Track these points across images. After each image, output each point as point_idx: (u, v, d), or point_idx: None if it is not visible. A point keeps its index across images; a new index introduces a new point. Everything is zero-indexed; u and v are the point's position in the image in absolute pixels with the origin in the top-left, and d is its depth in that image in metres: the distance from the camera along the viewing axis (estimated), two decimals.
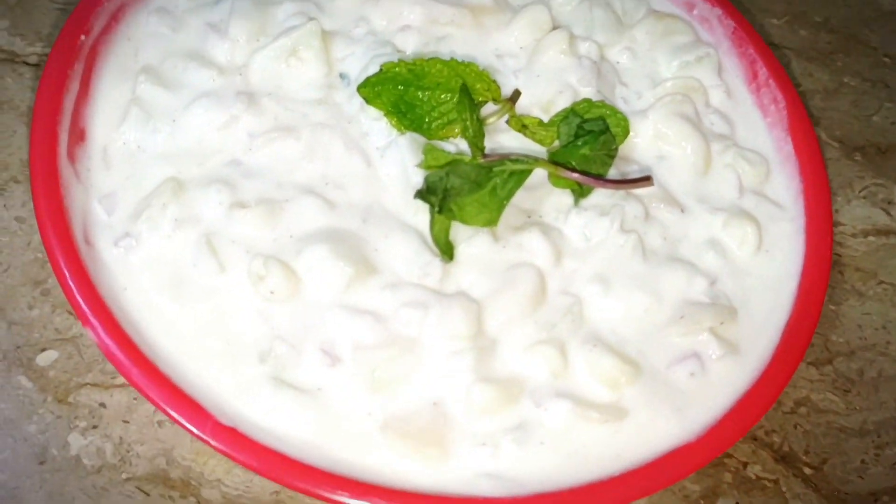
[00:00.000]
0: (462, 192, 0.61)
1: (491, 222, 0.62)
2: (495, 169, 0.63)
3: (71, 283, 0.56)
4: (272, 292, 0.59)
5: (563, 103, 0.71)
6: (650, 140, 0.72)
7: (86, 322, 0.56)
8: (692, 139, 0.71)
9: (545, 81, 0.72)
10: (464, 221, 0.61)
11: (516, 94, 0.70)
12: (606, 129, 0.66)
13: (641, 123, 0.72)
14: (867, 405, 0.76)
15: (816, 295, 0.66)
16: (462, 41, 0.74)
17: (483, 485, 0.55)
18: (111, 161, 0.65)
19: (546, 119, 0.71)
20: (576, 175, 0.65)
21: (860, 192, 0.91)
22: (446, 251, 0.62)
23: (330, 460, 0.55)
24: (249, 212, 0.62)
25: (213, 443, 0.53)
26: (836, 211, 0.88)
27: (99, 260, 0.60)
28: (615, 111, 0.70)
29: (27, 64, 0.81)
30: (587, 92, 0.72)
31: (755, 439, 0.73)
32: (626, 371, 0.60)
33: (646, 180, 0.65)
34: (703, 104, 0.75)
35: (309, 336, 0.59)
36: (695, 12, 0.81)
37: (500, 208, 0.62)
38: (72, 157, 0.64)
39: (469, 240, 0.64)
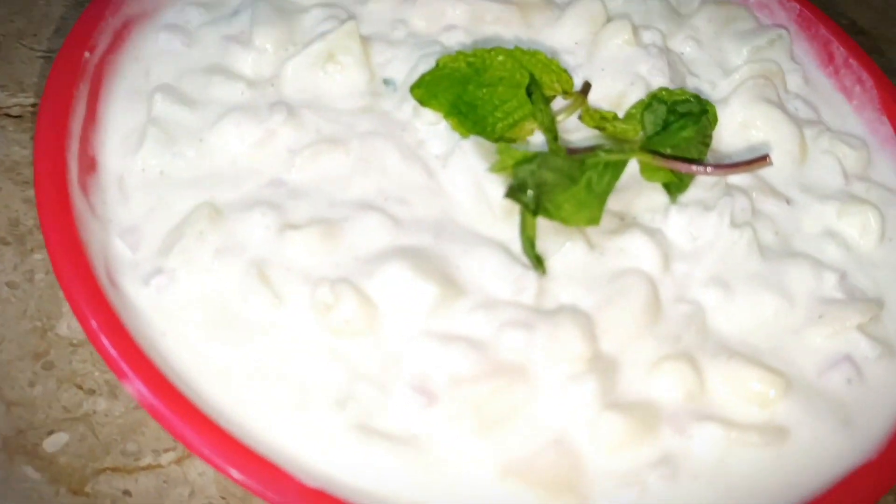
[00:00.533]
0: (556, 189, 0.52)
1: (594, 220, 0.52)
2: (588, 161, 0.53)
3: (97, 328, 0.45)
4: (346, 321, 0.48)
5: (636, 96, 0.63)
6: (737, 129, 0.64)
7: (122, 375, 0.44)
8: (783, 124, 0.64)
9: (612, 75, 0.64)
10: (564, 221, 0.52)
11: (587, 86, 0.62)
12: (705, 111, 0.58)
13: (724, 112, 0.64)
14: None
15: None
16: (511, 41, 0.66)
17: None
18: (129, 192, 0.55)
19: (621, 115, 0.62)
20: (678, 164, 0.56)
21: None
22: (538, 261, 0.53)
23: None
24: (302, 232, 0.52)
25: None
26: None
27: (128, 303, 0.49)
28: (699, 97, 0.62)
29: (10, 116, 0.72)
30: (660, 82, 0.64)
31: None
32: (774, 382, 0.50)
33: (762, 160, 0.57)
34: (782, 89, 0.68)
35: (395, 373, 0.48)
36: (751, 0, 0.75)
37: (602, 204, 0.53)
38: (84, 188, 0.53)
39: (561, 250, 0.54)
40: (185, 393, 0.45)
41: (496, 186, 0.55)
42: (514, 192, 0.51)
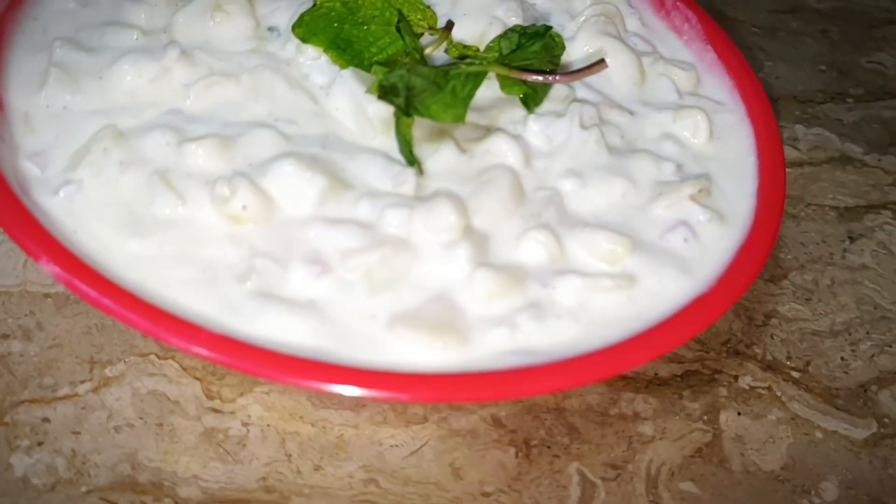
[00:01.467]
0: (425, 93, 0.59)
1: (459, 118, 0.60)
2: (452, 72, 0.61)
3: (14, 225, 0.50)
4: (244, 207, 0.54)
5: (494, 33, 0.71)
6: (584, 60, 0.73)
7: (38, 256, 0.49)
8: (623, 52, 0.73)
9: (473, 18, 0.73)
10: (433, 117, 0.59)
11: (450, 24, 0.70)
12: (549, 29, 0.67)
13: (572, 47, 0.73)
14: (830, 309, 0.77)
15: (776, 163, 0.67)
16: None
17: (509, 361, 0.51)
18: (35, 125, 0.60)
19: (482, 49, 0.71)
20: (529, 75, 0.64)
21: None
22: (414, 160, 0.59)
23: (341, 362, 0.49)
24: (200, 143, 0.58)
25: (212, 355, 0.46)
26: None
27: (40, 210, 0.54)
28: (547, 27, 0.71)
29: None
30: (514, 21, 0.73)
31: (738, 353, 0.72)
32: (622, 242, 0.58)
33: (600, 63, 0.66)
34: (622, 29, 0.78)
35: (291, 251, 0.54)
36: None
37: (466, 105, 0.60)
38: None
39: (434, 154, 0.62)
40: (98, 271, 0.49)
41: (375, 105, 0.62)
42: (386, 94, 0.58)
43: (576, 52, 0.73)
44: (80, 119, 0.60)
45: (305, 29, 0.65)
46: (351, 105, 0.63)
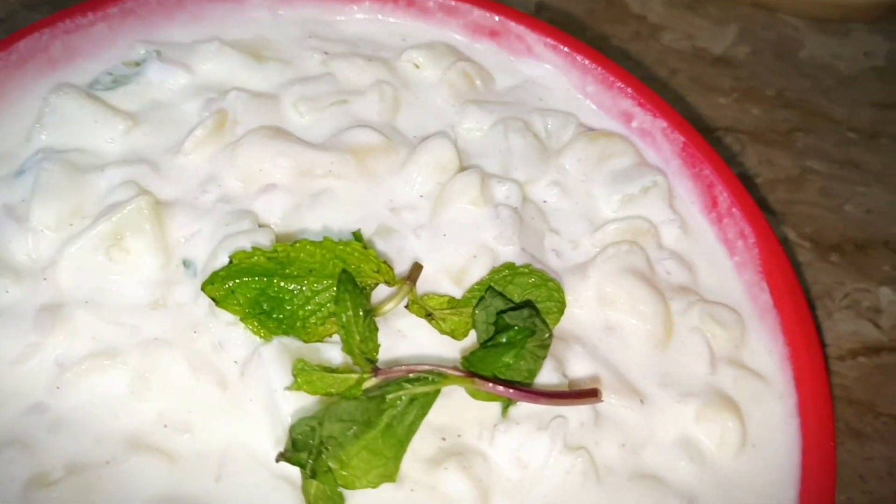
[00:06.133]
0: (345, 441, 0.45)
1: (388, 478, 0.45)
2: (389, 398, 0.46)
3: None
4: None
5: (479, 270, 0.55)
6: (594, 307, 0.56)
7: None
8: (648, 301, 0.56)
9: (454, 242, 0.56)
10: (348, 486, 0.44)
11: (416, 271, 0.54)
12: (535, 323, 0.50)
13: (581, 285, 0.57)
14: None
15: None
16: (345, 196, 0.58)
17: None
18: None
19: (459, 293, 0.55)
20: (500, 388, 0.48)
21: (842, 300, 0.77)
22: None
23: None
24: (55, 490, 0.45)
25: None
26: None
27: None
28: (545, 279, 0.54)
29: None
30: (508, 252, 0.56)
31: None
32: None
33: (592, 395, 0.49)
34: (654, 247, 0.60)
35: None
36: (633, 125, 0.66)
37: (400, 454, 0.46)
38: None
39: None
40: None
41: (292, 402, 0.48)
42: (286, 455, 0.44)
43: (585, 295, 0.57)
44: None
45: (220, 287, 0.50)
46: (266, 399, 0.49)
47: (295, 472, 0.47)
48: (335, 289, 0.50)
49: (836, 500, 0.61)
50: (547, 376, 0.52)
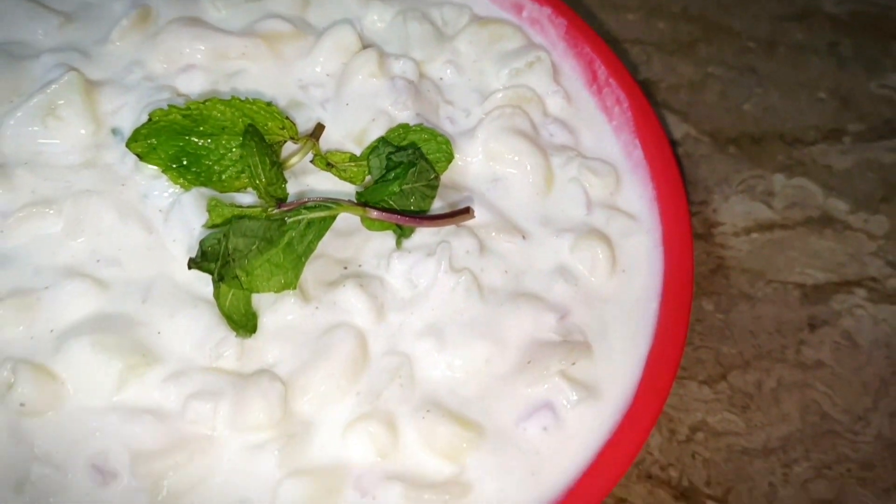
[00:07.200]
0: (249, 254, 0.52)
1: (287, 285, 0.52)
2: (289, 220, 0.53)
3: None
4: (22, 404, 0.48)
5: (377, 132, 0.62)
6: (482, 162, 0.64)
7: None
8: (529, 155, 0.63)
9: (355, 110, 0.64)
10: (252, 289, 0.51)
11: (319, 129, 0.61)
12: (418, 159, 0.57)
13: (470, 144, 0.64)
14: (769, 420, 0.69)
15: (680, 315, 0.57)
16: (259, 76, 0.65)
17: None
18: None
19: (360, 152, 0.62)
20: (387, 214, 0.56)
21: (738, 186, 0.84)
22: (242, 324, 0.52)
23: None
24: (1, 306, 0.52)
25: None
26: (714, 210, 0.82)
27: None
28: (435, 134, 0.61)
29: None
30: (404, 116, 0.63)
31: (650, 477, 0.65)
32: (466, 437, 0.51)
33: (465, 213, 0.56)
34: (539, 114, 0.67)
35: (75, 452, 0.48)
36: (524, 14, 0.74)
37: (299, 267, 0.53)
38: None
39: (273, 305, 0.54)
40: None
41: None
42: (196, 262, 0.51)
43: (474, 152, 0.64)
44: None
45: (143, 143, 0.57)
46: (186, 237, 0.56)
47: (211, 292, 0.54)
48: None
49: (724, 353, 0.69)
50: None
